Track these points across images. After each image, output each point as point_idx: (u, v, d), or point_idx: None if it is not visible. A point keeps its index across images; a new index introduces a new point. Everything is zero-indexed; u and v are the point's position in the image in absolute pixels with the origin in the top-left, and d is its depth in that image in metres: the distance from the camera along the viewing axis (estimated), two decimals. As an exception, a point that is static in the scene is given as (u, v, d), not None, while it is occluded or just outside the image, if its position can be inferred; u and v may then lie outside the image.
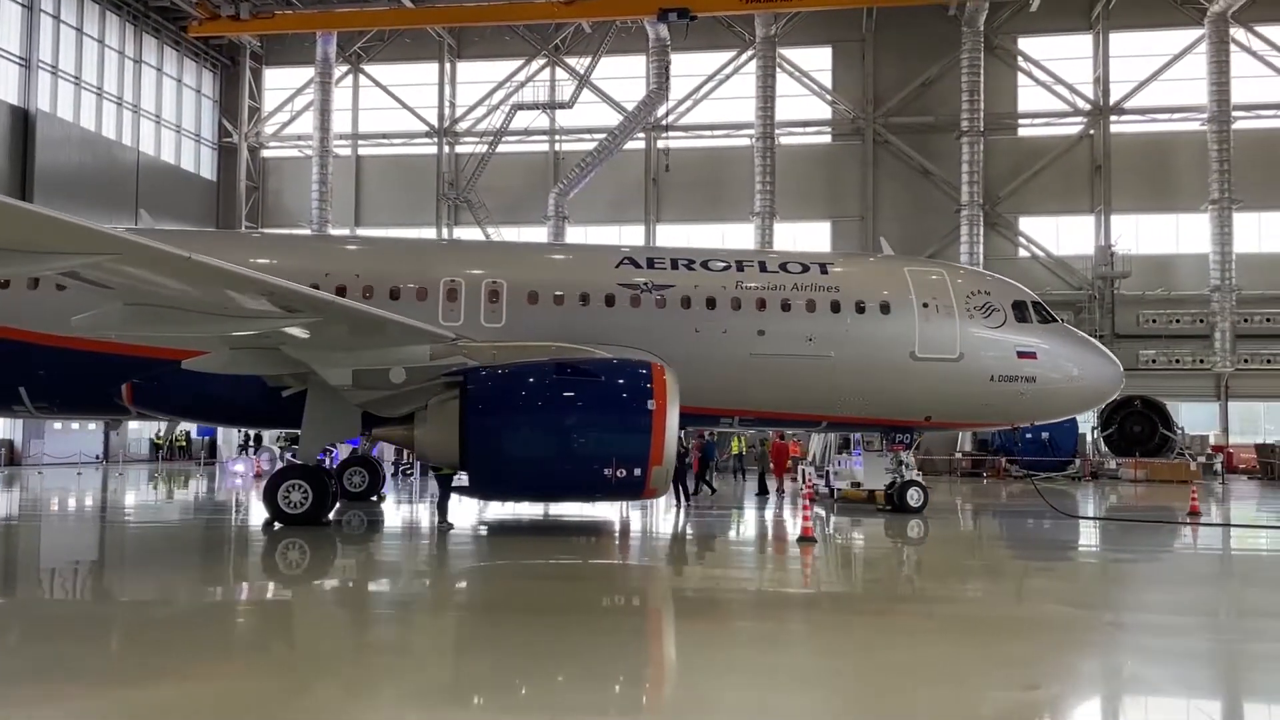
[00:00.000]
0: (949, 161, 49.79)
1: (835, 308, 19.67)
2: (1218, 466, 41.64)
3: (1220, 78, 46.77)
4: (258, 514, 22.69)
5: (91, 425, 44.98)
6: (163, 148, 50.77)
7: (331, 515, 18.26)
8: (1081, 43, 51.06)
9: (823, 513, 21.91)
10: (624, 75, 52.90)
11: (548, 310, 19.02)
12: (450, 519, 17.18)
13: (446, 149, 54.47)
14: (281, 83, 56.27)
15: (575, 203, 50.09)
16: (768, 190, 49.09)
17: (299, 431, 17.77)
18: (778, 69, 50.41)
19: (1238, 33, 47.88)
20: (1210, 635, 10.13)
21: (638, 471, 15.33)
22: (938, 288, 20.12)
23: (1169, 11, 48.99)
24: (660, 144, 51.70)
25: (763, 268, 20.17)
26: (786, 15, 49.70)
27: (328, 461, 33.97)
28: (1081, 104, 50.50)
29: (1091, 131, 50.42)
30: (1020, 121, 51.18)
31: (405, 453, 39.38)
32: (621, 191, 52.30)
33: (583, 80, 52.54)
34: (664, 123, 51.72)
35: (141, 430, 49.65)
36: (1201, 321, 47.30)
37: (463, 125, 54.59)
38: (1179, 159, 49.01)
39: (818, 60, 52.49)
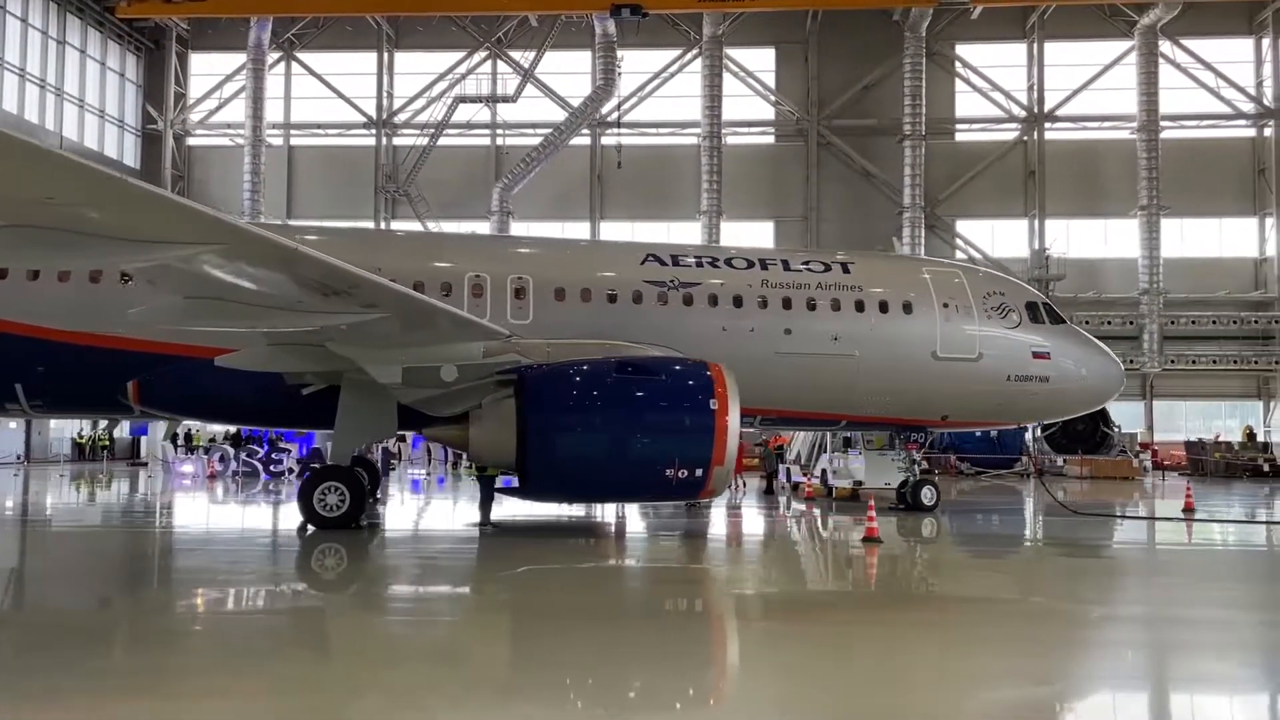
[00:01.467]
0: (889, 164, 50.62)
1: (859, 307, 19.69)
2: (1147, 464, 43.20)
3: (1149, 88, 48.53)
4: (276, 519, 21.92)
5: (13, 424, 42.70)
6: (85, 133, 48.50)
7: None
8: (1017, 51, 52.46)
9: (817, 511, 22.08)
10: (568, 71, 52.49)
11: (574, 307, 18.59)
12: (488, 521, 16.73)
13: (385, 141, 53.23)
14: (208, 68, 54.31)
15: (518, 198, 49.49)
16: (715, 189, 49.20)
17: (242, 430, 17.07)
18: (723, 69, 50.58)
19: (1165, 46, 49.70)
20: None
21: (699, 472, 15.07)
22: (956, 288, 20.31)
23: (1100, 23, 50.62)
24: (612, 140, 51.31)
25: (786, 266, 20.06)
26: (733, 15, 49.81)
27: (287, 461, 33.19)
28: (1017, 111, 51.88)
29: (1025, 138, 51.84)
30: (958, 126, 52.34)
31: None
32: (565, 188, 51.85)
33: (527, 74, 51.94)
34: (609, 119, 51.44)
35: (63, 429, 47.41)
36: (1130, 323, 48.98)
37: (401, 117, 53.43)
38: (1108, 166, 50.76)
39: (761, 61, 52.86)
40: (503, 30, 52.55)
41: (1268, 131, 50.98)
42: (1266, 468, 41.10)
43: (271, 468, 32.74)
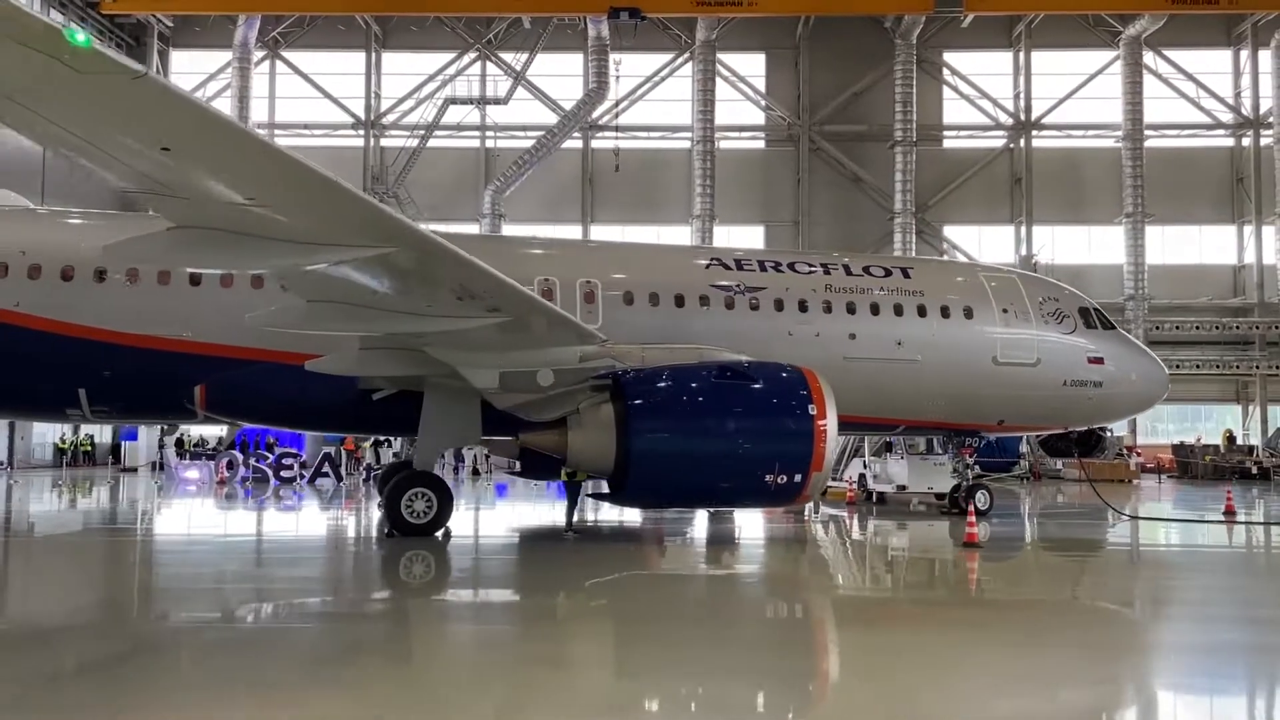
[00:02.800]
0: (878, 169, 51.06)
1: (921, 312, 19.78)
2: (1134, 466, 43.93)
3: (1134, 98, 49.43)
4: (348, 526, 21.56)
5: (-4, 428, 41.61)
6: (68, 131, 47.24)
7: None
8: (1004, 60, 53.16)
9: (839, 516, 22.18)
10: (559, 73, 52.31)
11: (643, 311, 18.48)
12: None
13: (372, 142, 52.65)
14: (190, 66, 53.27)
15: (509, 201, 49.18)
16: (708, 193, 49.26)
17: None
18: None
19: (1148, 56, 50.64)
20: None
21: (798, 477, 15.00)
22: (1013, 294, 20.50)
23: (1085, 34, 51.41)
24: (605, 144, 51.21)
25: (847, 271, 20.09)
26: (725, 19, 49.90)
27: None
28: (1004, 118, 52.57)
29: (1012, 145, 52.53)
30: (946, 133, 52.87)
31: (379, 456, 38.02)
32: (556, 190, 51.61)
33: (519, 77, 51.64)
34: (601, 123, 51.38)
35: (45, 433, 46.26)
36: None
37: (389, 118, 52.89)
38: (1093, 174, 51.60)
39: (752, 66, 53.06)
40: (493, 32, 52.21)
41: (1246, 141, 52.13)
42: (1255, 470, 42.05)
43: (282, 473, 32.20)
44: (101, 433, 48.95)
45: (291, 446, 34.92)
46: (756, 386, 15.22)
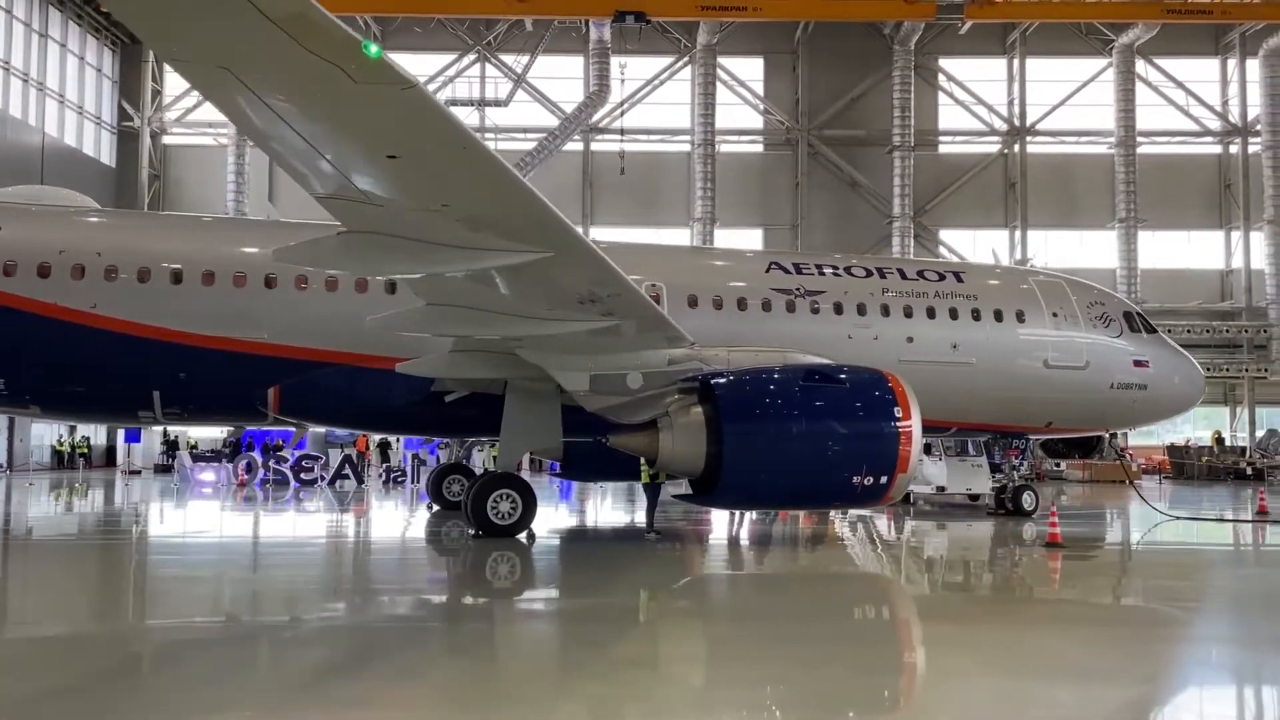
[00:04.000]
0: (875, 174, 51.60)
1: (976, 315, 20.11)
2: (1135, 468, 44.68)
3: (1126, 105, 50.31)
4: (419, 527, 21.56)
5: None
6: (66, 129, 46.77)
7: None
8: (998, 66, 53.83)
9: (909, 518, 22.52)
10: (559, 75, 52.39)
11: (707, 314, 18.66)
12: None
13: (371, 143, 52.31)
14: (185, 65, 52.69)
15: (510, 203, 49.05)
16: (709, 196, 49.54)
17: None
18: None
19: (1140, 65, 51.52)
20: None
21: (883, 479, 15.21)
22: (1062, 297, 20.87)
23: (1078, 41, 52.22)
24: (603, 146, 51.40)
25: (902, 275, 20.39)
26: (726, 24, 50.17)
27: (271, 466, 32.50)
28: (998, 124, 53.26)
29: (1007, 151, 53.21)
30: (941, 139, 53.47)
31: (386, 458, 37.93)
32: (555, 193, 50.96)
33: (520, 79, 51.66)
34: (602, 125, 51.54)
35: (42, 435, 45.69)
36: (1109, 332, 50.48)
37: (388, 119, 52.59)
38: (1085, 179, 52.44)
39: (750, 70, 53.40)
40: (494, 34, 52.18)
41: (1233, 149, 53.13)
42: (1249, 470, 42.96)
43: (303, 475, 32.07)
44: (97, 434, 48.49)
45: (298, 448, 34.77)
46: (844, 389, 15.43)
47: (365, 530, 20.80)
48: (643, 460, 16.71)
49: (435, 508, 22.47)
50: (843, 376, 15.68)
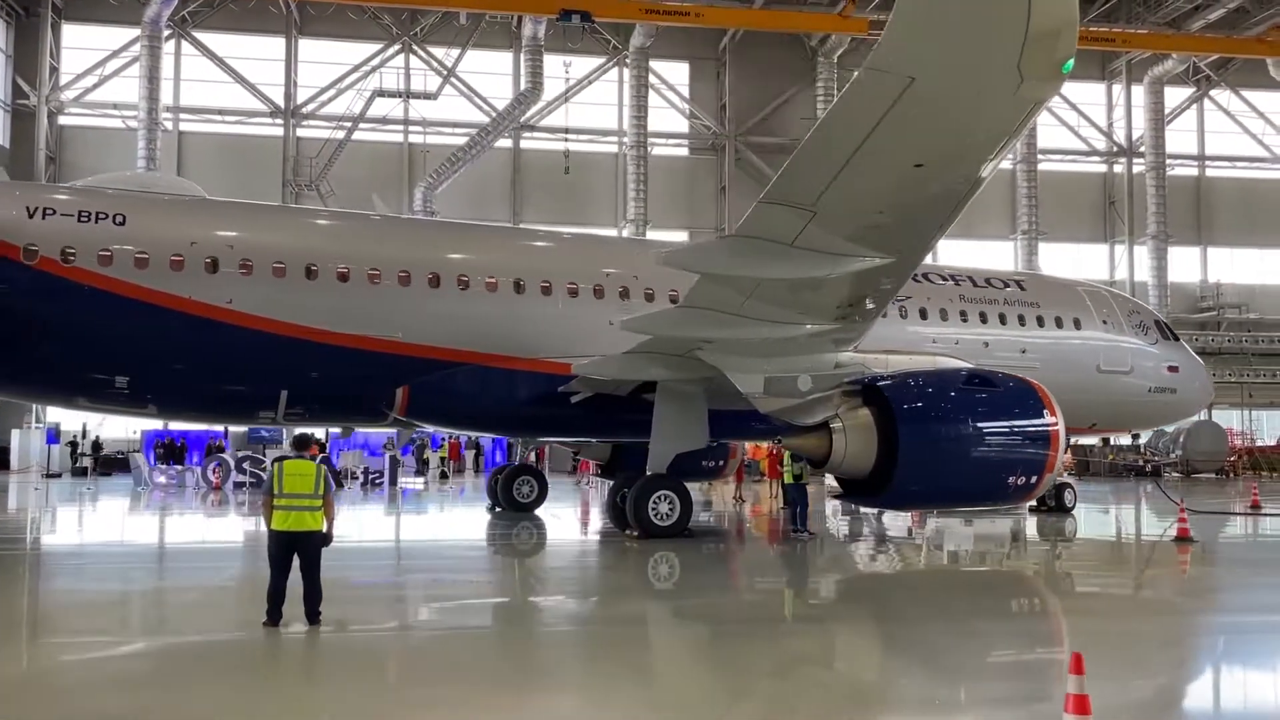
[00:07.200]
0: (796, 181, 52.89)
1: (1040, 322, 21.23)
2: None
3: (1030, 125, 53.15)
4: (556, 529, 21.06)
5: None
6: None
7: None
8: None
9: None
10: (487, 71, 51.72)
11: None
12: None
13: (290, 132, 50.38)
14: (83, 41, 49.54)
15: (435, 199, 48.22)
16: (641, 198, 49.86)
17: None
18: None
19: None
20: None
21: (1033, 479, 15.96)
22: (1107, 306, 22.24)
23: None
24: (539, 144, 51.12)
25: (973, 282, 21.31)
26: (658, 27, 50.51)
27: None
28: (910, 137, 55.44)
29: (917, 162, 55.42)
30: (857, 148, 55.23)
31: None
32: (482, 189, 50.89)
33: (450, 73, 50.70)
34: (531, 123, 51.18)
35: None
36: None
37: (308, 108, 50.77)
38: (987, 193, 54.97)
39: (676, 75, 53.96)
40: (420, 26, 51.03)
41: (1118, 168, 57.03)
42: (1149, 468, 46.32)
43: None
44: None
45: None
46: (1001, 394, 16.10)
47: (518, 534, 19.60)
48: (787, 459, 16.98)
49: (498, 509, 22.07)
50: (997, 382, 16.33)
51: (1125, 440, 53.46)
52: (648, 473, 16.50)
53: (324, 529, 9.31)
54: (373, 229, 19.11)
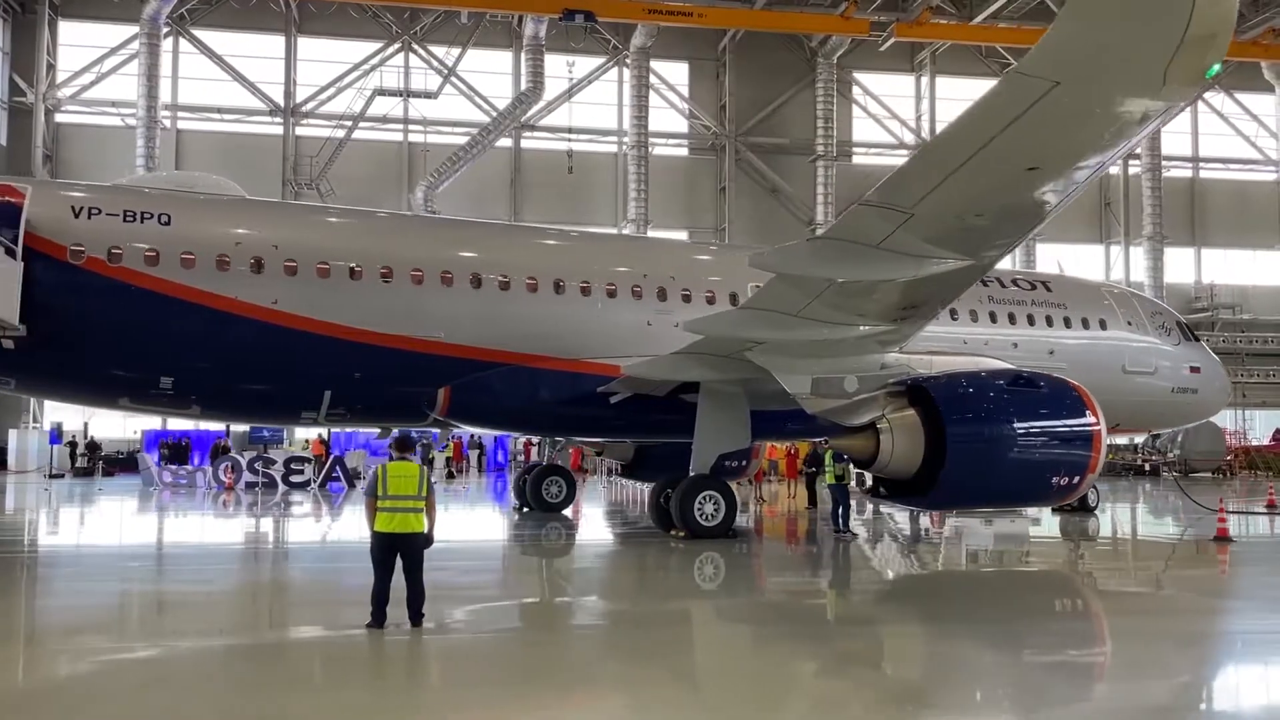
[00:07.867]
0: (795, 181, 53.10)
1: (1067, 323, 21.35)
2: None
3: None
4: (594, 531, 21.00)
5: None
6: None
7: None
8: (907, 83, 56.32)
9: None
10: (487, 70, 51.65)
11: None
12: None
13: (290, 131, 50.13)
14: (80, 38, 49.18)
15: (435, 198, 48.10)
16: (641, 198, 49.88)
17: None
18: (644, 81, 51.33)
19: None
20: None
21: (1075, 479, 16.02)
22: (1131, 308, 22.39)
23: (979, 63, 55.15)
24: (539, 144, 51.06)
25: (1001, 283, 21.39)
26: (660, 27, 50.53)
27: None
28: (908, 138, 55.72)
29: (915, 163, 55.64)
30: (855, 149, 55.45)
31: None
32: (481, 189, 50.78)
33: (450, 72, 50.59)
34: (531, 123, 51.15)
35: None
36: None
37: (308, 106, 50.54)
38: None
39: (676, 75, 54.02)
40: (420, 25, 50.89)
41: (1114, 169, 57.34)
42: (1146, 467, 46.71)
43: (292, 478, 30.64)
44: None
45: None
46: (1045, 394, 16.16)
47: (547, 534, 19.39)
48: (829, 459, 17.02)
49: (525, 509, 22.05)
50: (1041, 383, 16.38)
51: (1122, 440, 54.19)
52: (691, 473, 16.51)
53: (426, 530, 9.29)
54: (415, 229, 19.10)
